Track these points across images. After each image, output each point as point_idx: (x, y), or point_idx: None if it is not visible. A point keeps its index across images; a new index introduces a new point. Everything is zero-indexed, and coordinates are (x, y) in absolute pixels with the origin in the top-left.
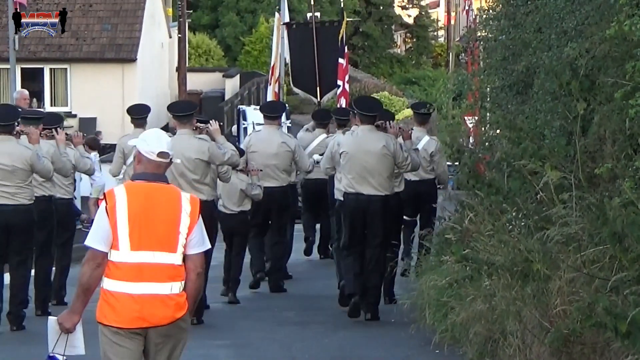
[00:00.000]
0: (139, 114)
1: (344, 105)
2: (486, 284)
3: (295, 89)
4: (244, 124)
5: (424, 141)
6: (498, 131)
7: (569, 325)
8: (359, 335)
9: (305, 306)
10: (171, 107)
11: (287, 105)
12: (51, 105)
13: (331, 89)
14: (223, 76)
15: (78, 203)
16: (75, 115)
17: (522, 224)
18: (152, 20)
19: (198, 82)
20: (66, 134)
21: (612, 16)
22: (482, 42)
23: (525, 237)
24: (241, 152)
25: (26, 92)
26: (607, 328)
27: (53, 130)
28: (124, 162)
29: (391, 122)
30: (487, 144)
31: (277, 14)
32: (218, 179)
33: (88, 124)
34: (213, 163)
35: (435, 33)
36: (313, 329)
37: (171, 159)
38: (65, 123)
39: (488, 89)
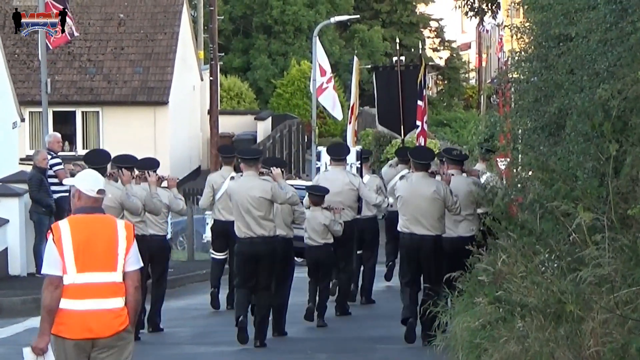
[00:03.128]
0: (227, 153)
1: (423, 144)
2: (519, 325)
3: (380, 127)
4: (317, 164)
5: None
6: (530, 173)
7: None
8: None
9: (339, 348)
10: (240, 152)
11: (361, 148)
12: (83, 148)
13: (413, 128)
14: (255, 119)
15: None
16: None
17: (555, 265)
18: (184, 63)
19: (230, 124)
20: (161, 177)
21: None
22: (513, 84)
23: (558, 279)
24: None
25: (58, 135)
26: None
27: (146, 172)
28: (213, 197)
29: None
30: (519, 185)
31: (355, 58)
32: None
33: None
34: (275, 202)
35: (467, 75)
36: None
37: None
38: None
39: (520, 130)
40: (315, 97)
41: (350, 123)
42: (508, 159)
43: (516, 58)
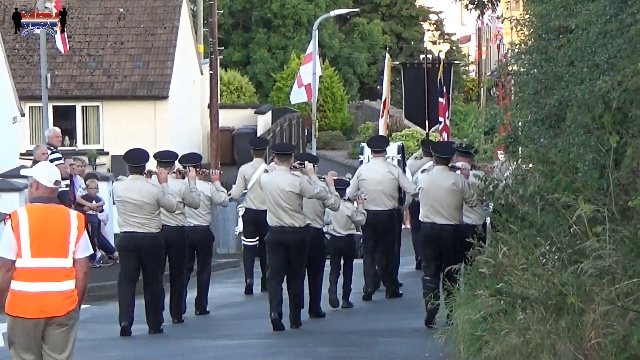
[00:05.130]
0: (258, 145)
1: (446, 139)
2: (520, 317)
3: (407, 121)
4: (360, 158)
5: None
6: (531, 165)
7: (603, 358)
8: None
9: (340, 342)
10: (274, 147)
11: (389, 140)
12: (84, 143)
13: (437, 123)
14: (255, 112)
15: None
16: (107, 153)
17: (556, 257)
18: (184, 58)
19: (230, 118)
20: (203, 171)
21: None
22: (513, 76)
23: (559, 271)
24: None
25: (58, 130)
26: None
27: (187, 168)
28: (245, 187)
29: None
30: (520, 177)
31: (387, 54)
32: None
33: (120, 162)
34: (304, 195)
35: (467, 68)
36: None
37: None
38: (98, 161)
39: (520, 123)
40: (316, 91)
41: (382, 117)
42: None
43: (516, 50)
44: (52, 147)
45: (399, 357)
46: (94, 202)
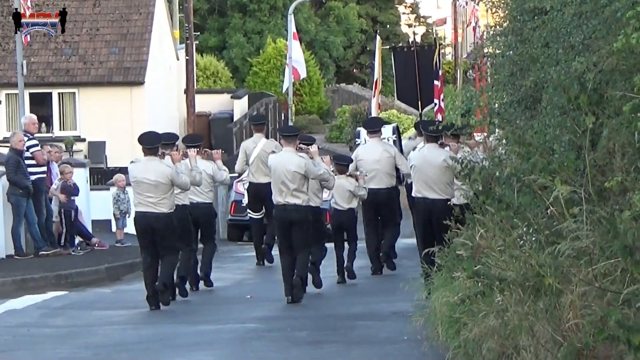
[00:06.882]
0: (258, 121)
1: (440, 119)
2: (498, 299)
3: (399, 102)
4: (357, 141)
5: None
6: (507, 147)
7: (581, 339)
8: (373, 354)
9: (319, 326)
10: (281, 130)
11: (397, 124)
12: (60, 130)
13: (429, 103)
14: (231, 97)
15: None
16: (84, 140)
17: (533, 238)
18: (160, 43)
19: (206, 103)
20: (205, 151)
21: (619, 29)
22: (489, 59)
23: (537, 252)
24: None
25: (34, 117)
26: (620, 341)
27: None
28: (247, 162)
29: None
30: (496, 159)
31: (378, 37)
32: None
33: (97, 148)
34: (308, 176)
35: (443, 50)
36: (326, 349)
37: None
38: (75, 147)
39: (496, 105)
40: (291, 74)
41: (374, 97)
42: (485, 134)
43: (491, 32)
44: (28, 134)
45: (377, 341)
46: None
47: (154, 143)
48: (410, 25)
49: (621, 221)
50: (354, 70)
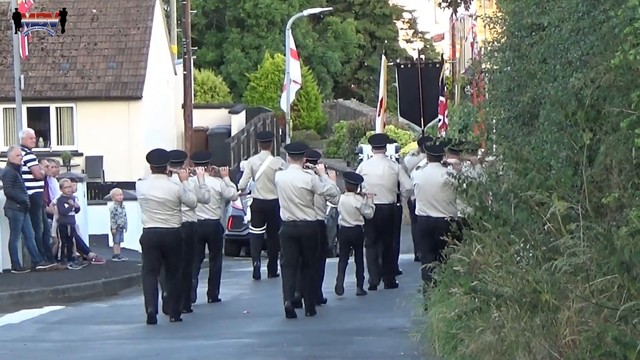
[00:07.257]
0: (265, 138)
1: (444, 135)
2: (495, 315)
3: (402, 119)
4: (360, 157)
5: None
6: (505, 163)
7: (578, 355)
8: None
9: (315, 341)
10: (287, 147)
11: (399, 144)
12: (58, 144)
13: (432, 119)
14: (229, 112)
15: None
16: (81, 154)
17: (530, 254)
18: (157, 58)
19: (204, 118)
20: (213, 167)
21: (617, 46)
22: (487, 74)
23: (534, 268)
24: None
25: (32, 131)
26: (617, 357)
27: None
28: (252, 178)
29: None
30: (493, 175)
31: (383, 57)
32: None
33: (94, 163)
34: (315, 192)
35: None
36: None
37: None
38: (72, 162)
39: (494, 120)
40: (289, 90)
41: (379, 115)
42: (482, 149)
43: (489, 48)
44: (26, 149)
45: (374, 356)
46: (71, 201)
47: (162, 162)
48: (408, 41)
49: (618, 237)
50: (352, 86)
